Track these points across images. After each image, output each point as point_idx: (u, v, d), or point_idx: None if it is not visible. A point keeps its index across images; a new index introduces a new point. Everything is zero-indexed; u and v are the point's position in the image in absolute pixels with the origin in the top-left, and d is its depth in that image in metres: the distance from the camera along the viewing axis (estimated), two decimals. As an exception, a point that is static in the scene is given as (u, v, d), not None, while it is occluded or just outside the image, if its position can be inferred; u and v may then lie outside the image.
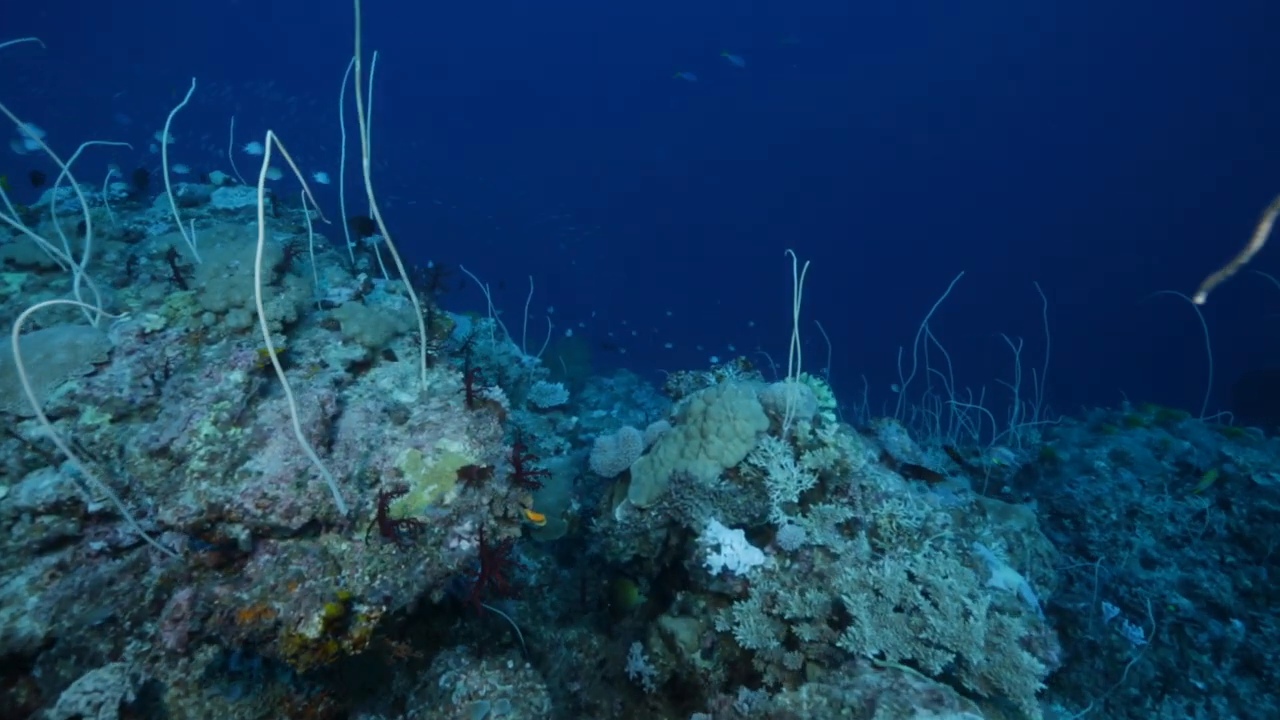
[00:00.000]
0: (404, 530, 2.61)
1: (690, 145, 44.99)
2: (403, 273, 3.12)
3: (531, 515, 2.89)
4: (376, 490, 2.89)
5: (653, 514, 3.96)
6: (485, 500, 2.84)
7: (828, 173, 46.38)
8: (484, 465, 2.97)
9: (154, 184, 5.74)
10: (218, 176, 5.84)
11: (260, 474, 2.79)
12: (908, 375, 8.63)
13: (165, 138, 3.56)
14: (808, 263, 3.78)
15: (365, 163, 2.81)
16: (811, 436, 4.01)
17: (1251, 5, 32.33)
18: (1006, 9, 38.65)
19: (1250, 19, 33.13)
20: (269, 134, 2.38)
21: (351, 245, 6.01)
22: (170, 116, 3.62)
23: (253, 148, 5.42)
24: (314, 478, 2.83)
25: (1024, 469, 7.02)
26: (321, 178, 5.52)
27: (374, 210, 3.01)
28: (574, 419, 6.43)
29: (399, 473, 2.97)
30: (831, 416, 5.00)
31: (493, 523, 2.81)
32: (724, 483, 3.97)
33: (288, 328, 3.55)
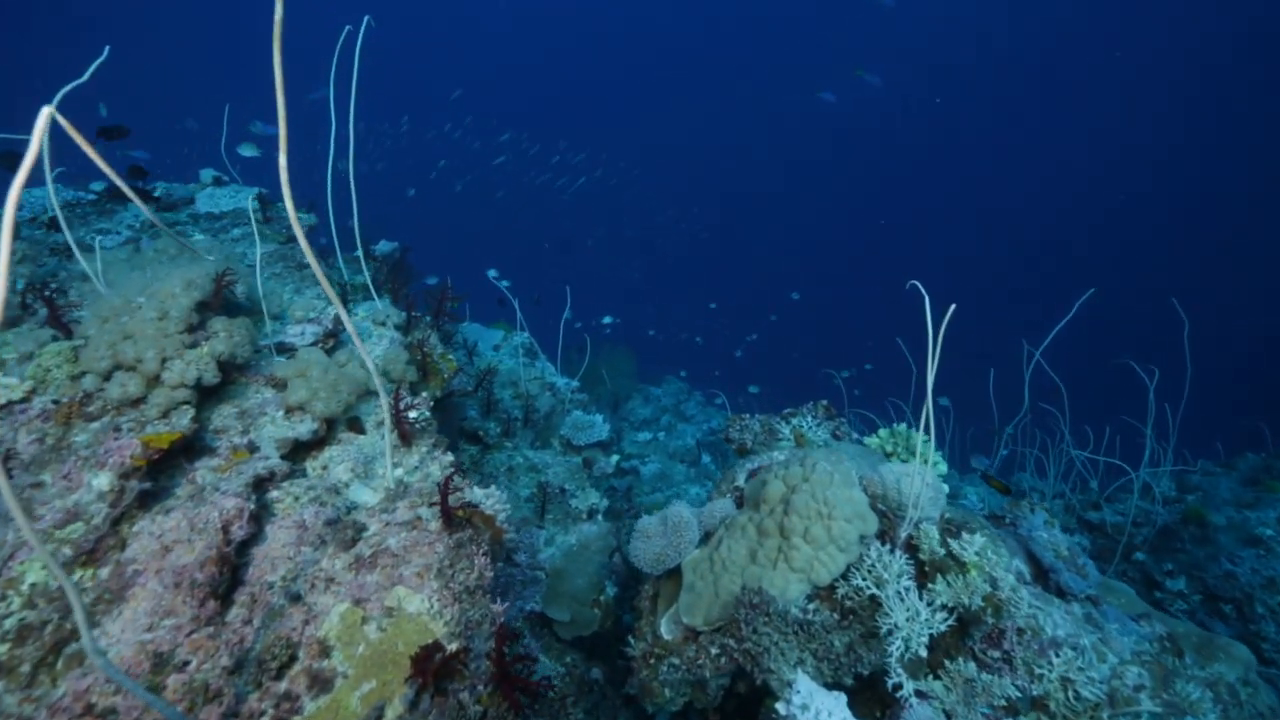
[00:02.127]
0: (298, 798, 1.46)
1: (691, 145, 42.16)
2: (335, 299, 1.94)
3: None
4: (284, 684, 1.75)
5: (712, 650, 2.73)
6: (446, 728, 1.66)
7: (846, 167, 43.12)
8: (454, 647, 1.78)
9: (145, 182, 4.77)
10: (207, 175, 4.82)
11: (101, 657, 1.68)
12: (1003, 406, 7.14)
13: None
14: (953, 306, 2.46)
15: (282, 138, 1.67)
16: (942, 550, 2.69)
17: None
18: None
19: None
20: (45, 109, 1.28)
21: (357, 254, 4.91)
22: (60, 94, 2.53)
23: (245, 149, 4.36)
24: (183, 667, 1.70)
25: (1162, 532, 5.48)
26: (248, 150, 4.44)
27: (285, 187, 1.85)
28: (614, 458, 5.23)
29: (323, 649, 1.81)
30: (942, 500, 3.66)
31: (454, 776, 1.64)
32: (814, 607, 2.71)
33: (207, 394, 2.44)
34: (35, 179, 4.36)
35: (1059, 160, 41.33)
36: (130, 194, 1.61)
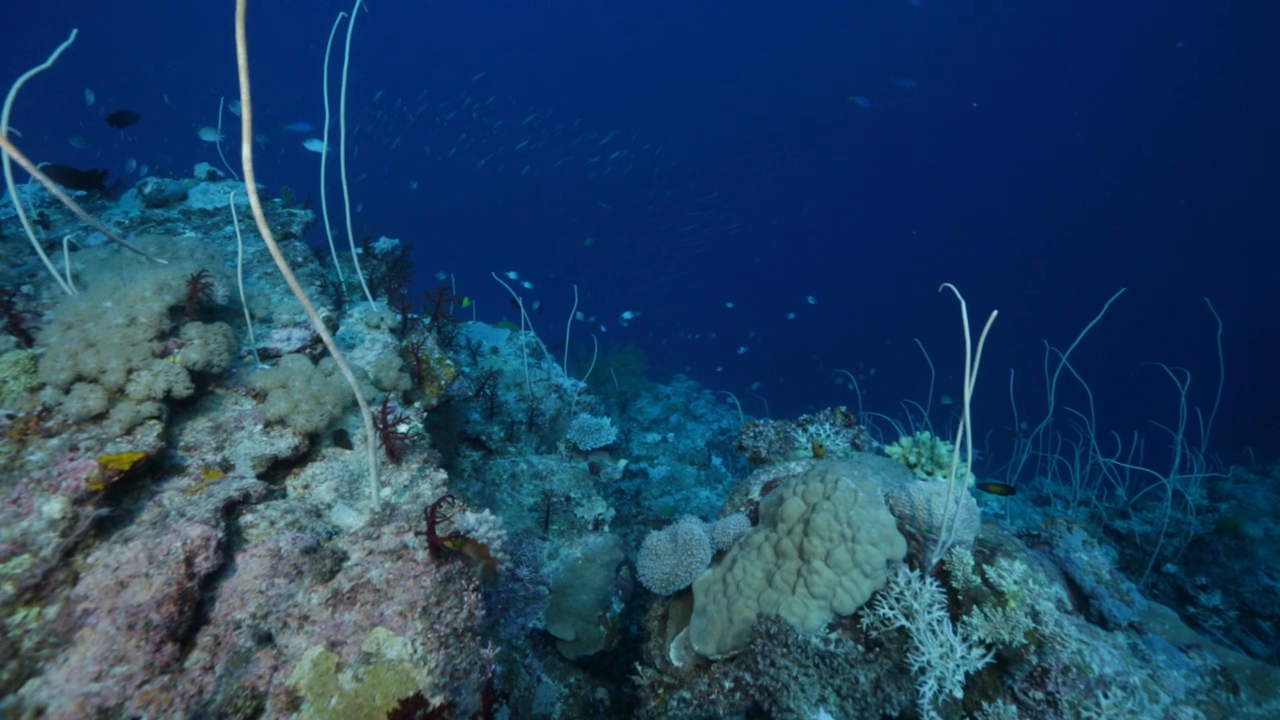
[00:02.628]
0: None
1: (688, 143, 41.07)
2: (306, 303, 1.73)
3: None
4: (246, 743, 1.54)
5: (726, 684, 2.51)
6: (424, 804, 1.45)
7: (860, 168, 41.93)
8: (438, 701, 1.57)
9: (127, 179, 4.58)
10: (201, 169, 4.62)
11: (40, 716, 1.48)
12: (1023, 407, 6.85)
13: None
14: (995, 313, 2.21)
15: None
16: (977, 578, 2.45)
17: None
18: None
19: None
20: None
21: (357, 252, 4.72)
22: (19, 81, 2.33)
23: (206, 133, 4.14)
24: (131, 725, 1.50)
25: (1195, 543, 5.19)
26: (209, 135, 4.24)
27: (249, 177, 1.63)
28: (622, 463, 5.01)
29: (292, 701, 1.60)
30: (976, 522, 3.41)
31: None
32: (836, 637, 2.48)
33: (179, 407, 2.23)
34: (25, 175, 4.17)
35: (1079, 161, 40.16)
36: (61, 195, 1.40)
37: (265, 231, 1.58)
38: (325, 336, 1.71)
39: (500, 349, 5.81)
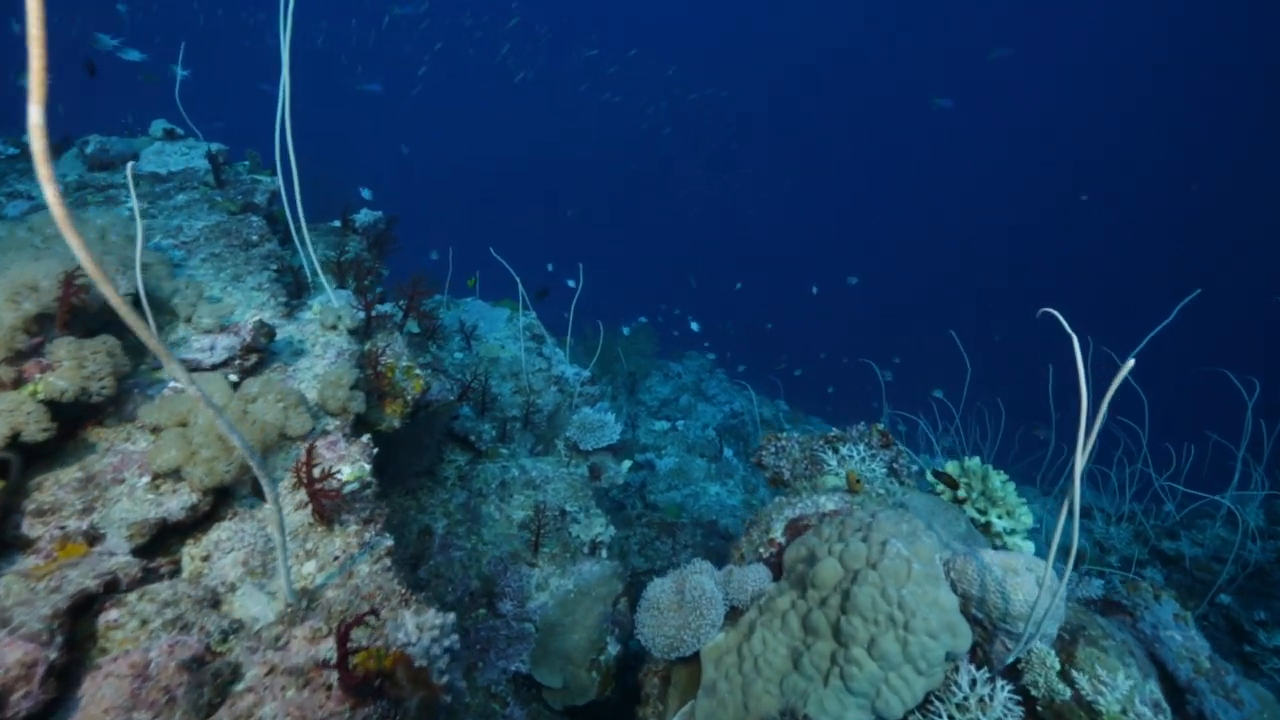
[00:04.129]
0: None
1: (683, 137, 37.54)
2: (143, 330, 1.15)
3: None
4: None
5: (740, 800, 1.99)
6: None
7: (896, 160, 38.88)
8: None
9: (74, 134, 3.96)
10: (157, 127, 3.98)
11: None
12: (1061, 407, 6.23)
13: None
14: (1130, 361, 1.58)
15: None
16: (1064, 688, 1.89)
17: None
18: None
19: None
20: None
21: (335, 224, 4.13)
22: None
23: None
24: None
25: (1255, 573, 4.60)
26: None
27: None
28: (626, 464, 4.46)
29: None
30: (1061, 609, 2.84)
31: None
32: (878, 746, 1.94)
33: (38, 454, 1.67)
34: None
35: (1132, 150, 36.77)
36: None
37: (51, 191, 1.00)
38: (184, 379, 1.13)
39: (499, 331, 5.21)
